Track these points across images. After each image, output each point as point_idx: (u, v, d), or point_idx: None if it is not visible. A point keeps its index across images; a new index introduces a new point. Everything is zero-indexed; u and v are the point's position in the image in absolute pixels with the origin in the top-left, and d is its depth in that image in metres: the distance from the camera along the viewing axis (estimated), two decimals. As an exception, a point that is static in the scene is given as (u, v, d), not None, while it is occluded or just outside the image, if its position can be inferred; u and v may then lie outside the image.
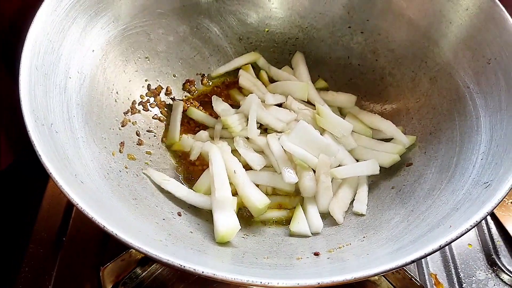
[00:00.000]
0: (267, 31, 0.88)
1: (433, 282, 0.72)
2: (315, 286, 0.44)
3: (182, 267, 0.45)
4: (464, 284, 0.72)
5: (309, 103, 0.83)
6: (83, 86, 0.68)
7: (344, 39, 0.85)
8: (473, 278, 0.73)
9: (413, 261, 0.45)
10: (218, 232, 0.61)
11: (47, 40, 0.62)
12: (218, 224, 0.61)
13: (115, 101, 0.74)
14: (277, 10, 0.87)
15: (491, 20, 0.65)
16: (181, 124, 0.80)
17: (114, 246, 0.74)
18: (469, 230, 0.48)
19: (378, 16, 0.81)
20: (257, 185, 0.71)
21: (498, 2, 0.65)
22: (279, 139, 0.72)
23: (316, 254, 0.59)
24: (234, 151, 0.75)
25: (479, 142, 0.62)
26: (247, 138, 0.76)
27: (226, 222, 0.61)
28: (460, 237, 0.47)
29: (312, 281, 0.44)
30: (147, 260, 0.70)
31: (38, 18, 0.61)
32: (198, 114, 0.82)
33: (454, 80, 0.70)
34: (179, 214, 0.66)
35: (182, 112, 0.82)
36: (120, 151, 0.69)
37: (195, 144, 0.77)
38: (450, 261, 0.74)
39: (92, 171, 0.60)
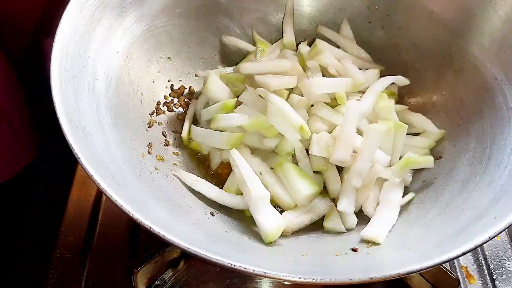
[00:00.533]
0: (287, 28, 0.88)
1: (465, 275, 0.72)
2: (368, 281, 0.44)
3: (232, 266, 0.44)
4: (494, 276, 0.72)
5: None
6: (110, 87, 0.67)
7: (364, 34, 0.85)
8: (503, 269, 0.73)
9: (464, 253, 0.45)
10: (265, 232, 0.60)
11: (74, 42, 0.62)
12: (264, 226, 0.60)
13: (141, 102, 0.73)
14: (296, 7, 0.86)
15: (517, 11, 0.65)
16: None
17: (143, 248, 0.73)
18: (516, 220, 0.48)
19: (399, 10, 0.80)
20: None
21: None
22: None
23: (354, 250, 0.59)
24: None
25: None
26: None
27: (271, 221, 0.60)
28: (508, 227, 0.47)
29: (363, 276, 0.44)
30: (178, 261, 0.70)
31: (65, 19, 0.61)
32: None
33: (481, 72, 0.70)
34: (212, 214, 0.65)
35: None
36: (149, 152, 0.69)
37: (213, 151, 0.75)
38: (480, 253, 0.74)
39: (126, 173, 0.59)
